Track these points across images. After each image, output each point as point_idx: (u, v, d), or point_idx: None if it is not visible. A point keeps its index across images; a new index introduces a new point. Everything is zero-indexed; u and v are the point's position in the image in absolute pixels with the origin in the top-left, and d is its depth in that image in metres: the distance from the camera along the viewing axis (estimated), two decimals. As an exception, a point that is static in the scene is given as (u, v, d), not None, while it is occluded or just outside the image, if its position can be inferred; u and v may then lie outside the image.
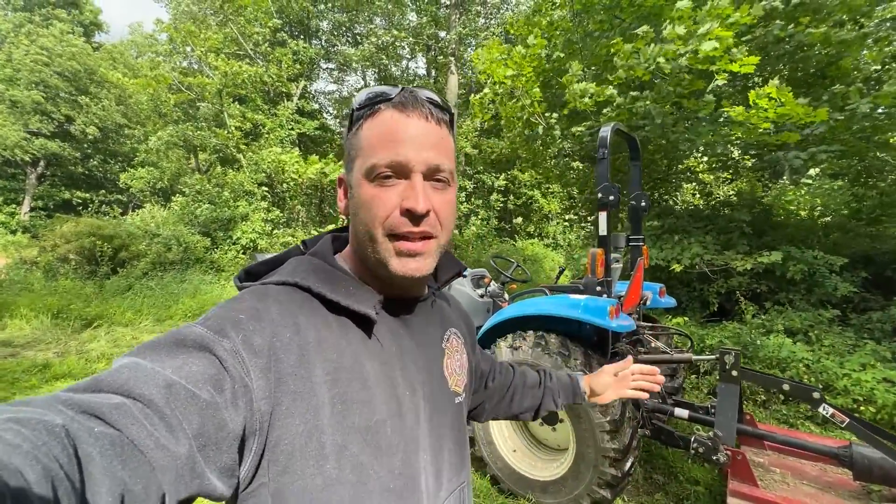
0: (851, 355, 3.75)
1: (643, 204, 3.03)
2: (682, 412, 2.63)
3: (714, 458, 2.23)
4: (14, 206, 20.73)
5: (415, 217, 0.59)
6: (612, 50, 4.15)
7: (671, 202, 6.92)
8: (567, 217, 14.78)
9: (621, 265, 3.05)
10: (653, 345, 2.82)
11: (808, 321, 4.37)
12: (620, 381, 1.08)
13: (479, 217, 14.59)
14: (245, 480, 0.50)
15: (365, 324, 0.63)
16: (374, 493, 0.57)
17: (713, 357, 2.50)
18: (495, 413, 1.01)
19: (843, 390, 3.37)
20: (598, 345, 2.64)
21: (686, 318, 4.79)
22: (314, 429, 0.53)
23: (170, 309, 7.82)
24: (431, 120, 0.62)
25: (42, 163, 20.70)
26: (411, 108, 0.60)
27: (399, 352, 0.66)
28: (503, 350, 2.54)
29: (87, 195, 21.64)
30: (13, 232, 19.32)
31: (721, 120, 4.32)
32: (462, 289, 3.43)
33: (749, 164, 6.31)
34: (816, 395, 2.16)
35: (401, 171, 0.60)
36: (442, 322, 0.79)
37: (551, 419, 2.60)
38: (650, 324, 3.03)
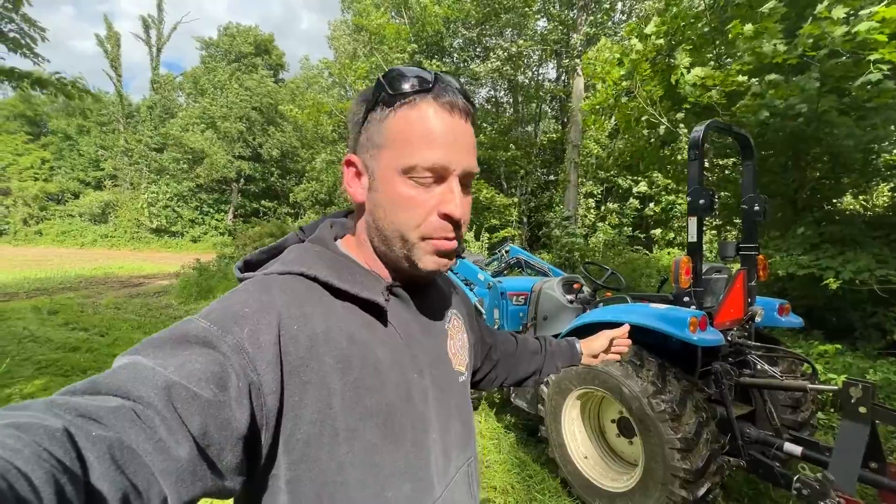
0: None
1: (757, 208, 2.68)
2: (795, 448, 2.27)
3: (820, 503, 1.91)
4: (223, 213, 26.68)
5: (451, 221, 0.60)
6: (732, 34, 3.67)
7: (838, 205, 5.67)
8: (715, 223, 12.97)
9: (726, 276, 2.74)
10: (759, 367, 2.49)
11: None
12: (609, 348, 1.16)
13: (609, 223, 13.77)
14: (256, 475, 0.51)
15: (373, 310, 0.63)
16: (384, 472, 0.58)
17: (835, 388, 2.12)
18: (502, 380, 1.05)
19: None
20: (685, 360, 2.45)
21: (840, 346, 3.92)
22: (327, 417, 0.54)
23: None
24: (469, 119, 0.61)
25: (241, 180, 26.25)
26: (450, 104, 0.59)
27: (407, 336, 0.66)
28: (576, 354, 2.54)
29: (270, 205, 26.70)
30: (222, 234, 24.89)
31: None
32: (552, 293, 3.45)
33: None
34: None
35: (440, 175, 0.59)
36: (444, 304, 0.80)
37: (628, 431, 2.50)
38: (766, 345, 2.66)
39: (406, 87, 0.58)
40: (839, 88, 3.55)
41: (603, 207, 14.53)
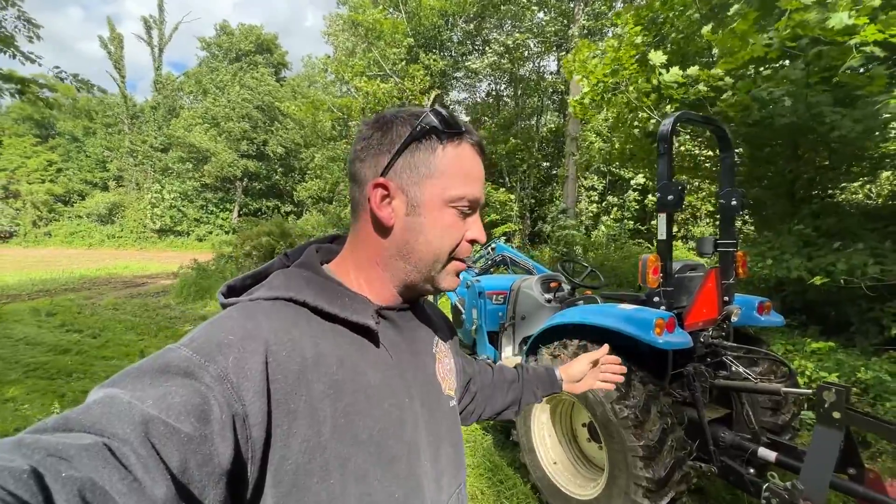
0: None
1: (734, 203, 2.57)
2: (769, 453, 2.18)
3: (789, 513, 1.82)
4: (227, 212, 26.85)
5: (474, 246, 0.74)
6: (706, 37, 3.53)
7: (838, 196, 5.50)
8: (718, 216, 12.72)
9: (701, 274, 2.64)
10: (733, 370, 2.39)
11: None
12: (596, 371, 1.10)
13: (612, 217, 13.59)
14: None
15: (363, 334, 0.63)
16: (378, 502, 0.57)
17: (809, 392, 2.03)
18: (480, 413, 1.02)
19: None
20: (659, 362, 2.36)
21: (834, 344, 3.78)
22: (317, 445, 0.52)
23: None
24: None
25: (245, 179, 26.37)
26: (479, 146, 0.67)
27: (397, 360, 0.66)
28: (545, 358, 2.46)
29: (273, 203, 26.81)
30: (227, 232, 25.05)
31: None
32: (530, 292, 3.37)
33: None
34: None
35: (473, 207, 0.68)
36: (430, 328, 0.80)
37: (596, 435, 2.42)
38: (742, 345, 2.55)
39: (456, 126, 0.64)
40: (828, 78, 3.39)
41: (605, 201, 14.35)
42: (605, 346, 1.13)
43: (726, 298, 2.55)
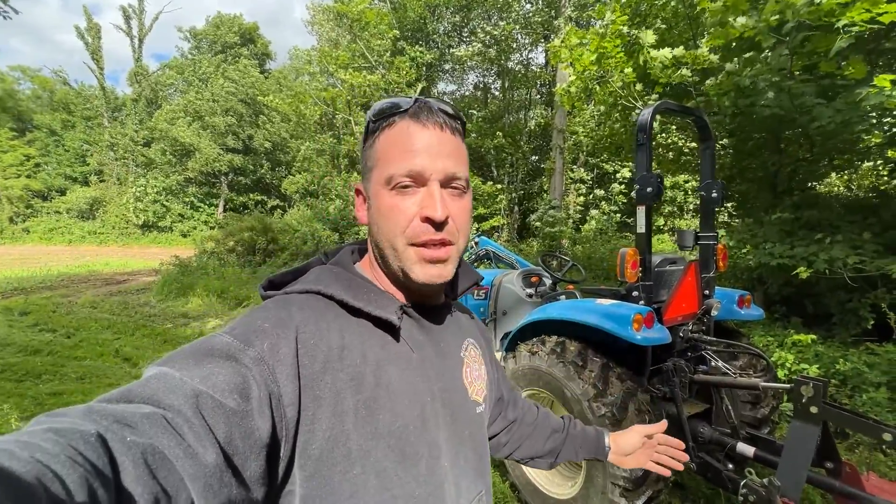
0: None
1: (714, 195, 2.53)
2: (748, 448, 2.15)
3: (766, 511, 1.79)
4: (213, 207, 26.39)
5: (434, 224, 0.61)
6: (701, 4, 3.46)
7: (819, 188, 5.52)
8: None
9: (682, 267, 2.60)
10: (712, 364, 2.36)
11: None
12: (648, 447, 0.99)
13: (601, 211, 13.61)
14: (276, 487, 0.52)
15: (386, 330, 0.64)
16: (399, 499, 0.58)
17: (786, 386, 2.00)
18: (513, 448, 0.97)
19: None
20: (638, 357, 2.31)
21: (814, 336, 3.80)
22: (340, 434, 0.54)
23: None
24: (446, 129, 0.63)
25: (230, 174, 25.90)
26: (426, 118, 0.62)
27: (420, 358, 0.66)
28: (522, 354, 2.41)
29: (260, 198, 26.39)
30: (212, 228, 24.62)
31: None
32: (511, 287, 3.31)
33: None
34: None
35: (418, 180, 0.61)
36: (460, 332, 0.79)
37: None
38: (722, 339, 2.52)
39: (384, 112, 0.64)
40: (810, 68, 3.36)
41: (592, 194, 14.37)
42: (664, 423, 1.01)
43: (706, 292, 2.51)
